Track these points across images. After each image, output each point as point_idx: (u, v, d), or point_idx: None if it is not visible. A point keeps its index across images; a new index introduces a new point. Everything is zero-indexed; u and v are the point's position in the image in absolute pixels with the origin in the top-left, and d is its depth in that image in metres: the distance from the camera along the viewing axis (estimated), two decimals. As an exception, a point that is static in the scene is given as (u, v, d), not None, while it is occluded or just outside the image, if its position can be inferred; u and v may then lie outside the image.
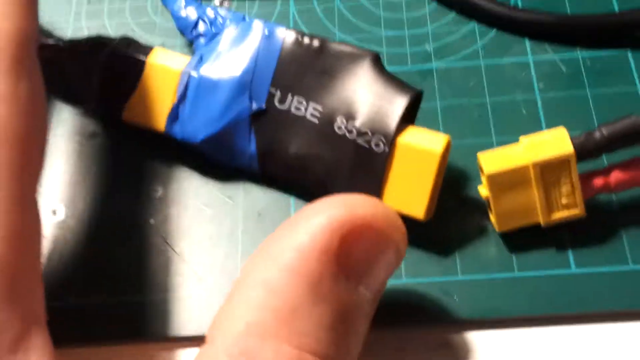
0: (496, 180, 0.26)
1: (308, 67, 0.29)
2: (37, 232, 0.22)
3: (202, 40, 0.31)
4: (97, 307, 0.28)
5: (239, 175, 0.31)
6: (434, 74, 0.33)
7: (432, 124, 0.30)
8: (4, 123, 0.22)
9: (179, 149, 0.30)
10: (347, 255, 0.22)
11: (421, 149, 0.27)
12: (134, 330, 0.28)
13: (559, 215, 0.27)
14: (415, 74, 0.33)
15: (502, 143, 0.29)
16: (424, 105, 0.29)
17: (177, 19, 0.32)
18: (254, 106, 0.29)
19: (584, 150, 0.26)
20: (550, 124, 0.30)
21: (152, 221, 0.30)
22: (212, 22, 0.31)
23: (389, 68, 0.29)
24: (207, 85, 0.29)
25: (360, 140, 0.27)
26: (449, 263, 0.28)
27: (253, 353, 0.20)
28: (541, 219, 0.27)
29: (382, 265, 0.23)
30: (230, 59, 0.29)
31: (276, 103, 0.29)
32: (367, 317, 0.23)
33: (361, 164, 0.27)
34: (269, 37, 0.29)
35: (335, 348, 0.21)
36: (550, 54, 0.33)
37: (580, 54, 0.32)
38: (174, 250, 0.29)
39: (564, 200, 0.27)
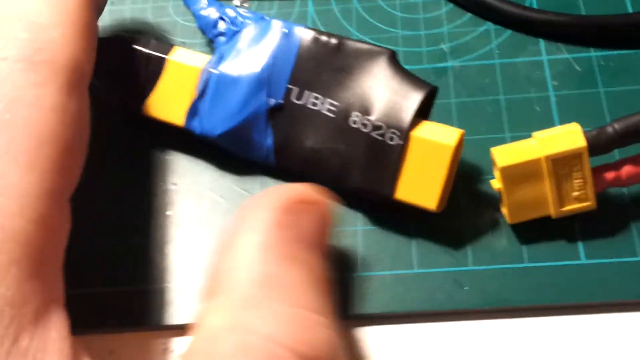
0: (509, 173, 0.27)
1: (325, 65, 0.29)
2: (64, 226, 0.24)
3: (222, 39, 0.31)
4: (112, 295, 0.29)
5: (255, 169, 0.31)
6: (449, 72, 0.33)
7: (446, 120, 0.30)
8: (53, 129, 0.23)
9: (196, 141, 0.31)
10: (297, 226, 0.24)
11: (435, 143, 0.27)
12: (149, 317, 0.28)
13: (570, 207, 0.27)
14: (430, 72, 0.33)
15: (515, 139, 0.29)
16: (438, 102, 0.30)
17: (198, 18, 0.33)
18: (272, 101, 0.29)
19: (596, 145, 0.26)
20: (563, 121, 0.31)
21: (168, 212, 0.30)
22: (233, 21, 0.31)
23: (405, 67, 0.29)
24: (226, 82, 0.30)
25: (374, 134, 0.28)
26: (461, 254, 0.28)
27: (248, 323, 0.21)
28: (552, 212, 0.27)
29: (320, 231, 0.25)
30: (249, 56, 0.30)
31: (293, 99, 0.29)
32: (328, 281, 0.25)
33: (375, 156, 0.28)
34: (287, 36, 0.30)
35: (321, 303, 0.23)
36: (564, 54, 0.33)
37: (594, 53, 0.33)
38: (190, 241, 0.30)
39: (575, 193, 0.27)
